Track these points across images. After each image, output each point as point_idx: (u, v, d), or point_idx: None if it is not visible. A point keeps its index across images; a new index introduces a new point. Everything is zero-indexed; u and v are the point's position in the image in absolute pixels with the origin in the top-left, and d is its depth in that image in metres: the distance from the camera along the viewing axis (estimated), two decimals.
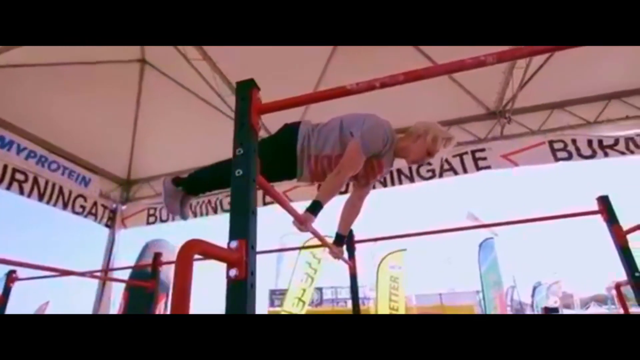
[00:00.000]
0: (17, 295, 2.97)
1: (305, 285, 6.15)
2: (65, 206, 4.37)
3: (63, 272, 2.37)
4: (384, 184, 4.26)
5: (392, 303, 6.45)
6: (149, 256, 5.26)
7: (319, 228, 1.64)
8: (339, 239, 1.93)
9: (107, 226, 5.07)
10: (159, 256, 2.74)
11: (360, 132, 1.58)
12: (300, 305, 6.04)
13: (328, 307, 16.17)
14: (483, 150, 4.03)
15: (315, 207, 1.48)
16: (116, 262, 5.03)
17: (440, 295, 15.69)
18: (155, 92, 4.15)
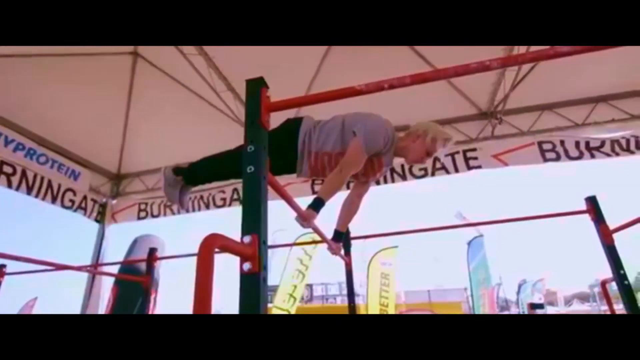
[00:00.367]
0: (4, 291, 2.90)
1: (296, 281, 6.18)
2: (54, 200, 4.30)
3: (56, 267, 2.34)
4: (377, 182, 4.30)
5: (382, 299, 6.52)
6: (138, 251, 5.21)
7: (320, 224, 1.66)
8: (338, 236, 1.96)
9: (97, 221, 5.00)
10: (155, 252, 2.73)
11: (362, 131, 1.61)
12: (291, 301, 6.06)
13: (318, 304, 16.26)
14: (474, 149, 4.11)
15: (317, 204, 1.50)
16: (106, 257, 4.97)
17: (428, 292, 15.90)
18: (147, 85, 4.09)
